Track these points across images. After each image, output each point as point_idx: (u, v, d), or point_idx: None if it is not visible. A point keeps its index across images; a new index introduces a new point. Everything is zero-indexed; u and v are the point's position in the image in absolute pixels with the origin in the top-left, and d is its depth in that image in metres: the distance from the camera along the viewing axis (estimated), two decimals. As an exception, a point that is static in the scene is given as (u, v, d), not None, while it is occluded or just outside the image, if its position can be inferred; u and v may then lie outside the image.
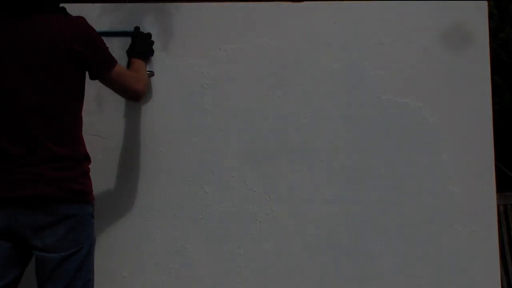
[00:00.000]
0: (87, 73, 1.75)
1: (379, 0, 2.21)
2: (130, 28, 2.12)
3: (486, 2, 2.23)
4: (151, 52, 2.11)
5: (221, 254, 2.11)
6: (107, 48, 1.78)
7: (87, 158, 1.74)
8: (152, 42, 2.11)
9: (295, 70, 2.17)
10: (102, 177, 2.06)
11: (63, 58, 1.63)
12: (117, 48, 2.06)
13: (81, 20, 1.71)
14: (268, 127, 2.15)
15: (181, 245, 2.11)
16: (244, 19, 2.18)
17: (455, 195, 2.15)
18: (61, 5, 1.74)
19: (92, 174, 1.76)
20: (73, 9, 1.79)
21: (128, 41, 2.09)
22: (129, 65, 2.00)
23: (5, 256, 1.60)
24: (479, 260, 2.14)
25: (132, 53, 2.03)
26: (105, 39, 1.80)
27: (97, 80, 1.79)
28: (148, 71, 2.06)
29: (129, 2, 2.15)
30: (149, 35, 2.11)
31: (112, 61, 1.77)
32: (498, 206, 2.26)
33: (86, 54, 1.68)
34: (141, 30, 2.12)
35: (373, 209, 2.14)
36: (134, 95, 1.91)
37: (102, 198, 2.05)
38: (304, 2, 2.19)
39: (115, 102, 2.10)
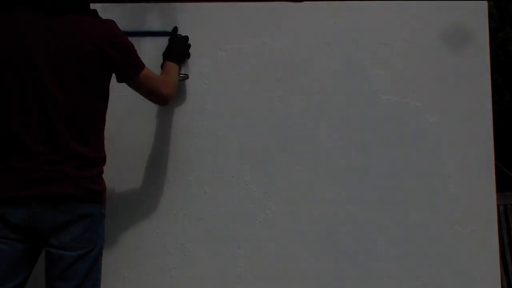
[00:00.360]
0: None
1: (379, 0, 2.21)
2: (133, 27, 2.12)
3: (486, 2, 2.23)
4: (188, 55, 2.11)
5: (221, 254, 2.11)
6: (136, 50, 1.78)
7: (104, 159, 1.75)
8: (189, 45, 2.11)
9: (295, 70, 2.17)
10: (102, 177, 2.07)
11: (92, 60, 1.64)
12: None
13: (111, 23, 1.72)
14: (268, 127, 2.15)
15: (181, 245, 2.11)
16: (244, 19, 2.19)
17: (455, 195, 2.15)
18: None
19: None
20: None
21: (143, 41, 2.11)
22: (162, 67, 2.01)
23: (17, 257, 1.60)
24: (479, 260, 2.14)
25: (168, 55, 2.03)
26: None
27: None
28: (182, 74, 2.06)
29: (129, 2, 2.15)
30: (186, 38, 2.11)
31: (140, 64, 1.78)
32: (498, 206, 2.26)
33: (116, 56, 1.68)
34: (142, 30, 2.12)
35: (373, 209, 2.14)
36: (161, 99, 1.90)
37: (102, 198, 2.05)
38: (304, 2, 2.19)
39: (115, 102, 2.09)
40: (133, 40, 2.10)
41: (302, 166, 2.15)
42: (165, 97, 1.88)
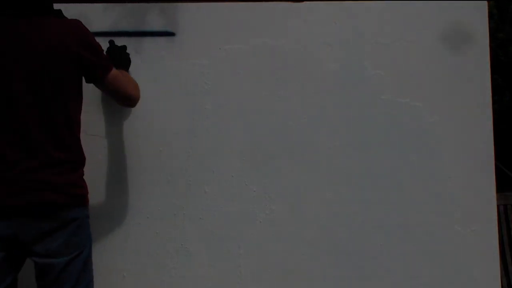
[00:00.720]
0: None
1: (379, 0, 2.21)
2: (133, 27, 2.12)
3: (486, 2, 2.23)
4: (129, 63, 2.10)
5: (221, 254, 2.11)
6: (103, 51, 1.77)
7: (84, 161, 1.73)
8: (128, 54, 2.10)
9: (295, 70, 2.17)
10: (101, 177, 2.06)
11: (64, 61, 1.62)
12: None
13: (78, 23, 1.70)
14: (268, 127, 2.15)
15: (181, 245, 2.11)
16: (244, 19, 2.18)
17: (455, 195, 2.15)
18: (59, 5, 1.74)
19: (91, 174, 1.76)
20: (74, 9, 1.79)
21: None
22: None
23: (0, 264, 1.57)
24: (479, 260, 2.14)
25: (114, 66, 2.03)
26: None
27: None
28: None
29: (129, 2, 2.15)
30: (124, 48, 2.09)
31: (109, 65, 1.76)
32: (498, 206, 2.26)
33: (86, 57, 1.67)
34: (140, 30, 2.12)
35: (373, 209, 2.14)
36: (129, 100, 1.88)
37: (101, 198, 2.05)
38: (304, 2, 2.20)
39: (114, 102, 2.09)
40: (133, 40, 2.12)
41: (302, 166, 2.15)
42: (133, 98, 1.88)
